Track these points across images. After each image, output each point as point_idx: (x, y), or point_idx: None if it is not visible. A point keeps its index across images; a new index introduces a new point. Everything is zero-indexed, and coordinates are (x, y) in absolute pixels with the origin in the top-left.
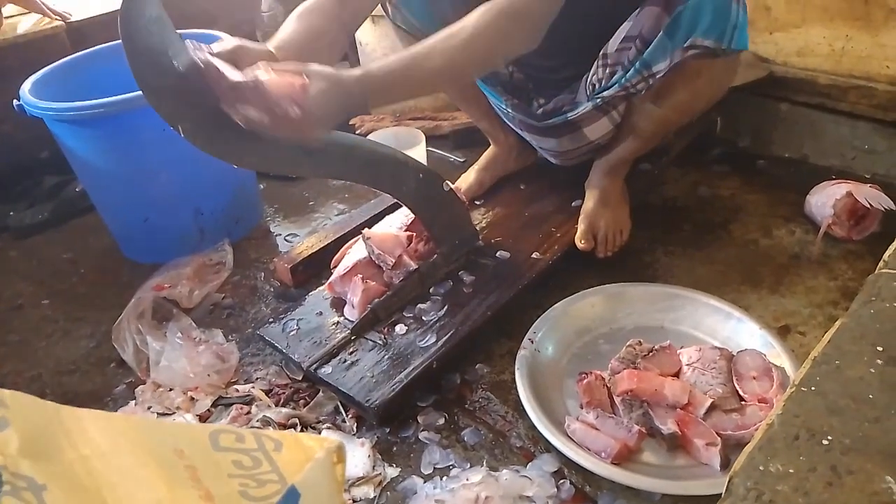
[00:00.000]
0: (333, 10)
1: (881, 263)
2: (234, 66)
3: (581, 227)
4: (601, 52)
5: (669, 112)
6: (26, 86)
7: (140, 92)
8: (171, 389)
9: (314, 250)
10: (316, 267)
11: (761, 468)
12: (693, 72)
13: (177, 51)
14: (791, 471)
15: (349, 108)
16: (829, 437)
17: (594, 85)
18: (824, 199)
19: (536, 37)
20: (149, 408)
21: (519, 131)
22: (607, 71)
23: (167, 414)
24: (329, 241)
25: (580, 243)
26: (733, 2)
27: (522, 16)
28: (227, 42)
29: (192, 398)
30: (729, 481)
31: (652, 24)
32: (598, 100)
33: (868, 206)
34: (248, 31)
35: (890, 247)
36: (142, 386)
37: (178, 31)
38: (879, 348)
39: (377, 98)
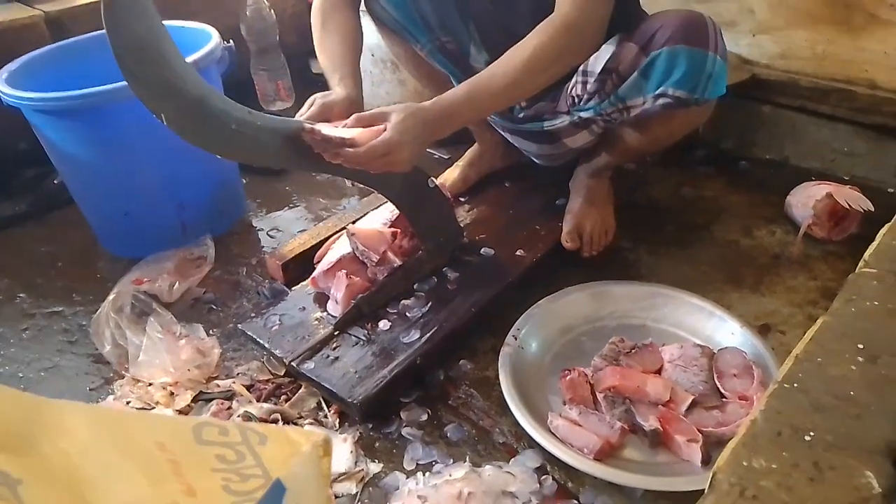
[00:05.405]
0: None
1: (861, 263)
2: (327, 123)
3: (567, 226)
4: (580, 68)
5: (645, 143)
6: (3, 74)
7: (121, 84)
8: (150, 384)
9: (307, 247)
10: (309, 263)
11: (745, 464)
12: (668, 113)
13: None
14: (774, 466)
15: (430, 133)
16: (812, 434)
17: (573, 98)
18: (804, 200)
19: (595, 45)
20: (127, 402)
21: (501, 132)
22: (587, 88)
23: (146, 409)
24: (322, 237)
25: (566, 243)
26: (710, 51)
27: (579, 28)
28: (312, 105)
29: (172, 393)
30: (713, 477)
31: (629, 62)
32: (577, 117)
33: (848, 207)
34: (232, 25)
35: (870, 247)
36: (120, 381)
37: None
38: (861, 346)
39: (448, 122)
